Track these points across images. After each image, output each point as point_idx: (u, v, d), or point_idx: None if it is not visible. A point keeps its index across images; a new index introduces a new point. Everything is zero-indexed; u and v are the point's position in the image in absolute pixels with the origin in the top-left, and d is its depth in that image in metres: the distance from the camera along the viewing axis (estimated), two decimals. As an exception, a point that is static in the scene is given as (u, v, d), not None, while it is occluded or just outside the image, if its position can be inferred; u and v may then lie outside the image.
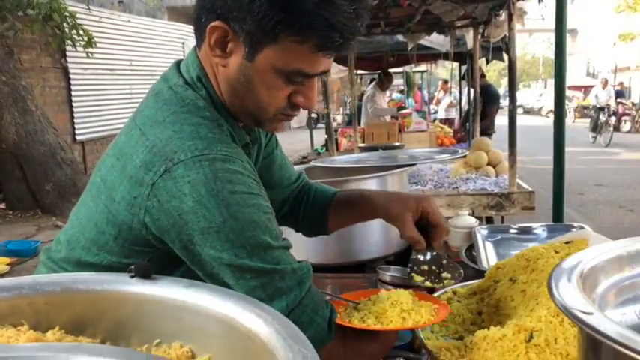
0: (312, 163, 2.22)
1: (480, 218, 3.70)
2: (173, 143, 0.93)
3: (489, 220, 4.05)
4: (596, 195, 8.18)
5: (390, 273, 1.70)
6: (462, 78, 8.18)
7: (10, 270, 4.78)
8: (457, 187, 3.83)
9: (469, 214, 3.61)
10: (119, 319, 0.82)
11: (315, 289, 1.00)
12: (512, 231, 1.78)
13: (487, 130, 6.99)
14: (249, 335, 0.71)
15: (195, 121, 0.98)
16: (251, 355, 0.70)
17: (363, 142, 5.83)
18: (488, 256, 1.56)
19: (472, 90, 6.62)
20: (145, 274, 0.82)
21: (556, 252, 1.05)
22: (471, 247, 1.72)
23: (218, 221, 0.91)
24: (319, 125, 17.62)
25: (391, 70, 7.77)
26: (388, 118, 7.29)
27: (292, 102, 1.02)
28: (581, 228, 1.69)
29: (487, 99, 6.94)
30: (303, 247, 1.86)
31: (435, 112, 12.40)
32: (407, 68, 11.78)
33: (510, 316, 1.05)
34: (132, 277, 0.83)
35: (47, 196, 6.49)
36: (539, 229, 1.77)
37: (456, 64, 8.71)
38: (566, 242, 1.09)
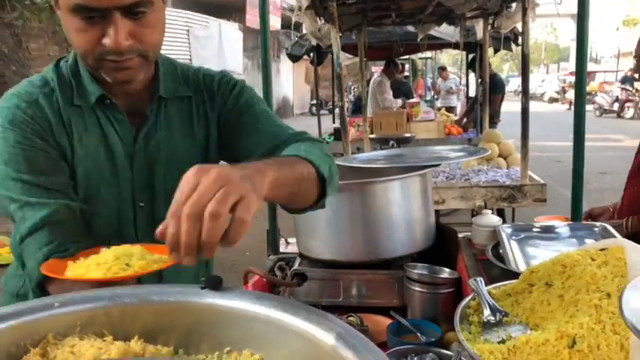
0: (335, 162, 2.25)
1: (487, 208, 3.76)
2: None
3: (500, 212, 4.10)
4: (601, 183, 8.24)
5: (417, 271, 1.76)
6: (468, 67, 8.19)
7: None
8: (469, 179, 3.88)
9: (481, 206, 3.67)
10: (189, 328, 0.87)
11: (56, 228, 1.08)
12: (535, 230, 1.83)
13: (492, 119, 7.02)
14: (320, 346, 0.76)
15: (25, 82, 1.19)
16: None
17: (371, 132, 5.84)
18: (515, 255, 1.60)
19: (480, 80, 6.63)
20: (214, 286, 0.87)
21: (592, 259, 1.10)
22: (496, 246, 1.77)
23: None
24: (322, 111, 17.60)
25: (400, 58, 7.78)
26: (395, 108, 7.31)
27: (102, 44, 1.06)
28: (603, 228, 1.74)
29: (492, 87, 6.96)
30: (330, 246, 1.92)
31: (437, 99, 12.40)
32: (412, 56, 11.75)
33: (546, 319, 1.10)
34: (202, 288, 0.88)
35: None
36: (562, 228, 1.82)
37: (462, 53, 8.70)
38: (601, 250, 1.13)
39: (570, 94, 26.71)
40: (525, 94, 3.54)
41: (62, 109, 1.17)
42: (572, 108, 2.42)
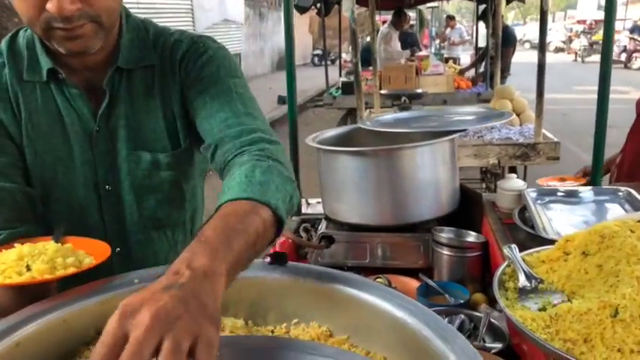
0: (358, 124, 2.27)
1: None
2: None
3: (511, 169, 4.13)
4: (607, 137, 8.22)
5: (445, 234, 1.81)
6: (479, 18, 8.02)
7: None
8: (482, 136, 3.89)
9: (494, 164, 3.69)
10: (256, 301, 0.92)
11: None
12: (559, 194, 1.87)
13: (502, 72, 6.95)
14: (387, 317, 0.81)
15: None
16: (388, 333, 0.81)
17: (380, 86, 5.79)
18: (543, 221, 1.65)
19: (491, 32, 6.52)
20: (281, 261, 0.92)
21: (632, 231, 1.14)
22: (522, 210, 1.81)
23: None
24: (323, 62, 17.29)
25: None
26: (403, 61, 7.22)
27: (46, 9, 0.95)
28: (628, 192, 1.78)
29: (503, 40, 6.85)
30: (357, 210, 1.97)
31: (443, 49, 12.20)
32: (420, 6, 11.49)
33: (584, 287, 1.15)
34: (269, 264, 0.92)
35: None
36: (586, 192, 1.86)
37: (473, 3, 8.50)
38: (638, 221, 1.17)
39: (576, 44, 26.20)
40: (542, 50, 3.49)
41: (10, 84, 1.08)
42: (578, 59, 2.41)
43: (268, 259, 0.92)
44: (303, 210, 2.51)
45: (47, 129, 1.10)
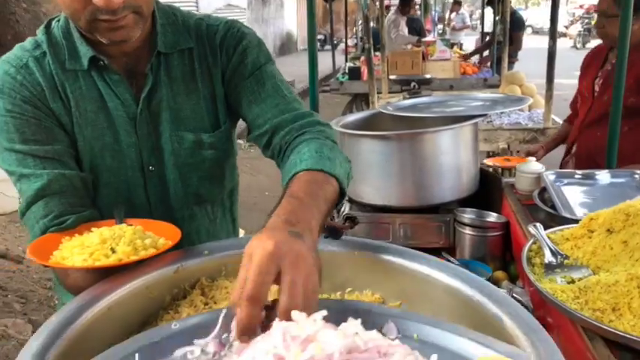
0: (379, 109, 2.32)
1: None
2: None
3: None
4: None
5: (468, 215, 1.88)
6: (487, 3, 8.02)
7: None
8: (492, 121, 3.95)
9: (504, 149, 3.75)
10: (312, 272, 0.99)
11: (52, 200, 1.03)
12: (577, 176, 1.93)
13: (510, 57, 6.98)
14: (438, 285, 0.88)
15: (17, 46, 1.13)
16: (440, 300, 0.88)
17: (387, 72, 5.82)
18: (563, 202, 1.72)
19: (499, 16, 6.53)
20: (336, 235, 0.99)
21: (656, 209, 1.21)
22: (541, 192, 1.88)
23: None
24: (326, 47, 17.29)
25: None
26: (409, 46, 7.24)
27: (93, 3, 0.98)
28: (644, 174, 1.85)
29: (513, 25, 6.87)
30: (381, 192, 2.04)
31: (445, 34, 12.19)
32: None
33: (609, 262, 1.23)
34: (325, 237, 0.99)
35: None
36: (602, 175, 1.93)
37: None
38: (662, 200, 1.24)
39: (573, 30, 26.11)
40: (553, 37, 3.54)
41: (55, 74, 1.10)
42: (576, 44, 2.44)
43: (323, 233, 0.99)
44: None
45: (93, 116, 1.13)
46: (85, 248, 0.88)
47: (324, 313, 0.52)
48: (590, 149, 2.61)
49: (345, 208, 2.15)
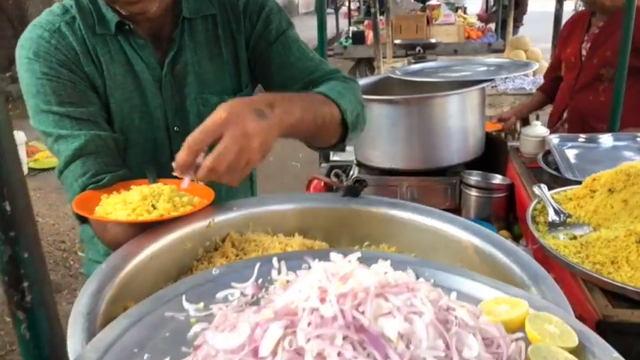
0: (387, 74, 2.36)
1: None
2: None
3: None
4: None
5: (474, 177, 1.95)
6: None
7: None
8: (496, 86, 3.97)
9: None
10: (331, 227, 1.06)
11: (89, 159, 1.08)
12: (580, 140, 1.99)
13: (515, 22, 6.91)
14: (450, 238, 0.95)
15: (52, 7, 1.17)
16: (452, 255, 0.95)
17: (391, 36, 5.78)
18: (567, 164, 1.78)
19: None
20: (354, 193, 1.06)
21: (655, 170, 1.27)
22: (545, 154, 1.94)
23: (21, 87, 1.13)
24: (328, 10, 16.99)
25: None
26: (415, 10, 7.16)
27: None
28: (646, 138, 1.90)
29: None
30: (389, 155, 2.10)
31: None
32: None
33: (609, 220, 1.30)
34: (343, 196, 1.06)
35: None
36: (604, 138, 1.98)
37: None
38: (662, 161, 1.30)
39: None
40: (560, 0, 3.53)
41: (86, 38, 1.14)
42: (577, 8, 2.48)
43: (342, 192, 1.06)
44: (332, 157, 2.63)
45: (122, 79, 1.17)
46: (128, 204, 0.94)
47: (359, 254, 0.59)
48: (583, 113, 2.66)
49: (355, 171, 2.21)
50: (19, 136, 4.79)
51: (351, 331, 0.47)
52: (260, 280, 0.75)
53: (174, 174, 0.87)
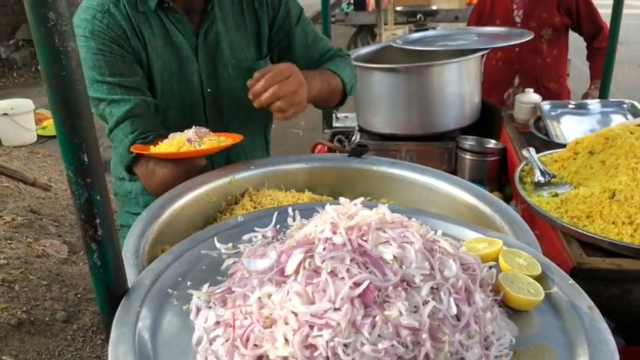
0: (388, 42, 2.45)
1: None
2: None
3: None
4: (616, 54, 8.26)
5: (469, 142, 2.07)
6: None
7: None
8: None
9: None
10: (336, 184, 1.20)
11: (137, 119, 1.25)
12: (570, 106, 2.10)
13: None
14: (441, 193, 1.09)
15: None
16: (443, 207, 1.08)
17: (393, 2, 5.80)
18: (555, 129, 1.90)
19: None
20: (358, 154, 1.18)
21: (631, 133, 1.39)
22: (537, 120, 2.06)
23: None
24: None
25: None
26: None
27: None
28: (632, 104, 2.01)
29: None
30: (389, 121, 2.21)
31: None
32: None
33: (589, 179, 1.43)
34: (348, 156, 1.19)
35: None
36: (593, 104, 2.09)
37: None
38: (638, 125, 1.42)
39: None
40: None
41: (131, 16, 1.29)
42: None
43: (348, 153, 1.19)
44: (334, 124, 2.75)
45: (162, 50, 1.33)
46: (176, 144, 1.11)
47: (362, 199, 0.72)
48: (535, 76, 2.76)
49: (357, 137, 2.33)
50: (27, 103, 4.89)
51: (357, 254, 0.61)
52: (278, 226, 0.88)
53: (250, 97, 1.18)
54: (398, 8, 5.10)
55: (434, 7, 5.03)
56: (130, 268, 0.80)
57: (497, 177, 2.05)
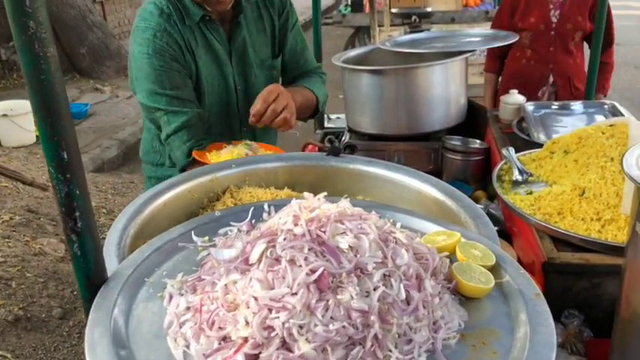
0: (376, 45, 2.50)
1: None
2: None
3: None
4: (615, 54, 8.31)
5: (454, 142, 2.12)
6: None
7: (70, 132, 5.22)
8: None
9: (499, 81, 3.89)
10: (315, 182, 1.24)
11: (192, 129, 1.47)
12: (553, 107, 2.15)
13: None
14: (412, 189, 1.14)
15: (145, 7, 1.49)
16: (415, 200, 1.13)
17: (389, 4, 5.85)
18: (537, 130, 1.95)
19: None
20: (335, 153, 1.23)
21: (602, 133, 1.44)
22: (520, 121, 2.10)
23: (135, 73, 1.48)
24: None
25: None
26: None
27: None
28: (612, 105, 2.06)
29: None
30: (377, 122, 2.26)
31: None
32: None
33: (563, 177, 1.47)
34: (326, 155, 1.24)
35: (83, 60, 6.73)
36: (576, 105, 2.14)
37: None
38: (610, 125, 1.47)
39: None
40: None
41: (182, 32, 1.47)
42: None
43: (325, 152, 1.24)
44: (326, 124, 2.80)
45: (205, 57, 1.52)
46: (237, 156, 1.32)
47: (325, 193, 0.77)
48: (569, 77, 2.84)
49: (346, 137, 2.38)
50: (26, 104, 4.94)
51: (315, 244, 0.66)
52: (253, 221, 0.93)
53: (250, 122, 1.42)
54: (393, 10, 5.15)
55: (429, 9, 5.08)
56: (111, 258, 0.86)
57: (482, 176, 2.10)
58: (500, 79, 3.07)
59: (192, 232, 0.89)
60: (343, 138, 2.41)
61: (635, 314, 1.01)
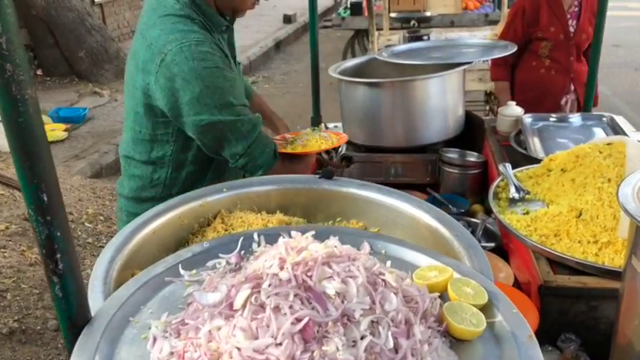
0: (373, 55, 2.49)
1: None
2: (162, 39, 1.39)
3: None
4: (613, 57, 8.27)
5: (451, 155, 2.10)
6: None
7: (68, 136, 5.21)
8: (487, 61, 4.07)
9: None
10: (309, 205, 1.23)
11: (263, 132, 1.50)
12: (551, 119, 2.13)
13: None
14: (406, 215, 1.12)
15: (174, 20, 1.40)
16: (409, 226, 1.12)
17: (388, 8, 5.83)
18: (535, 144, 1.93)
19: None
20: (328, 176, 1.22)
21: (600, 152, 1.42)
22: (518, 134, 2.09)
23: (196, 91, 1.38)
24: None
25: None
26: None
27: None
28: (611, 118, 2.04)
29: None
30: (374, 134, 2.24)
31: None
32: None
33: (560, 196, 1.46)
34: (319, 177, 1.22)
35: (81, 63, 6.71)
36: (575, 117, 2.12)
37: None
38: (607, 144, 1.46)
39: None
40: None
41: (220, 42, 1.49)
42: None
43: (319, 175, 1.22)
44: (323, 134, 2.77)
45: (230, 64, 1.51)
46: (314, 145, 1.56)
47: (313, 232, 0.75)
48: (584, 84, 2.82)
49: (343, 149, 2.36)
50: (25, 109, 4.92)
51: (301, 290, 0.64)
52: (242, 252, 0.92)
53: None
54: (392, 14, 5.13)
55: (428, 14, 5.06)
56: (97, 294, 0.84)
57: (479, 189, 2.08)
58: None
59: (180, 265, 0.87)
60: (340, 149, 2.39)
61: (631, 341, 0.99)
